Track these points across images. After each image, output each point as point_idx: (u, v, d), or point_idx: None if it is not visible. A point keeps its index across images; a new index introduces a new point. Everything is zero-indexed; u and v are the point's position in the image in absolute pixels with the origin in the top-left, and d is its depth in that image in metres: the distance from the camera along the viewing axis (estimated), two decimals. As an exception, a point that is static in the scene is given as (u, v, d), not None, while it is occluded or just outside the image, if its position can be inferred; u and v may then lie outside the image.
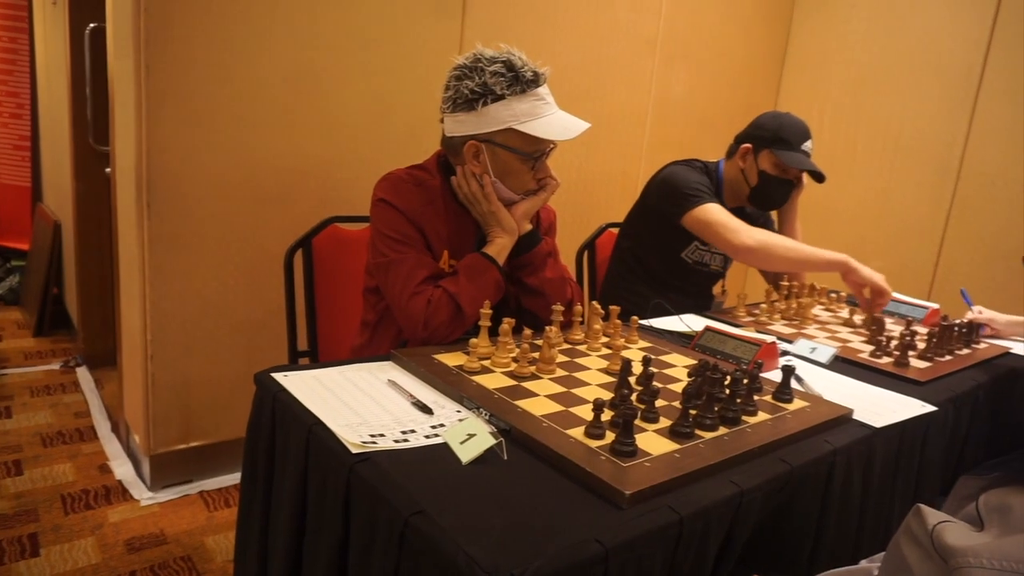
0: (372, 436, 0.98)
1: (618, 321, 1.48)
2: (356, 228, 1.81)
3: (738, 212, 2.18)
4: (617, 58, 3.05)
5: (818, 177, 1.99)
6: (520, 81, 1.36)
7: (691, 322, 1.73)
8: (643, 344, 1.50)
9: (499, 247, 1.45)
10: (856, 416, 1.25)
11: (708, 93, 3.49)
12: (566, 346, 1.42)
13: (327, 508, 0.96)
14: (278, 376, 1.17)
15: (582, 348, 1.42)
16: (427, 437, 1.01)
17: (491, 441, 0.96)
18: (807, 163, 1.95)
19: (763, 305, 1.93)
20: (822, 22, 3.66)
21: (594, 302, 1.49)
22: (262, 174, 2.22)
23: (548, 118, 1.39)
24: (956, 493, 0.76)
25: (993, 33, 3.03)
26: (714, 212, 1.91)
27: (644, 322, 1.73)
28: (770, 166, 1.98)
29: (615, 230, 2.35)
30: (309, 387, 1.14)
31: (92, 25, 2.88)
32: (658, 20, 3.16)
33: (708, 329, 1.56)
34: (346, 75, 2.30)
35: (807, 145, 1.96)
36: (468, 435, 0.98)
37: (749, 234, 1.85)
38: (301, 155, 2.28)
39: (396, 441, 0.98)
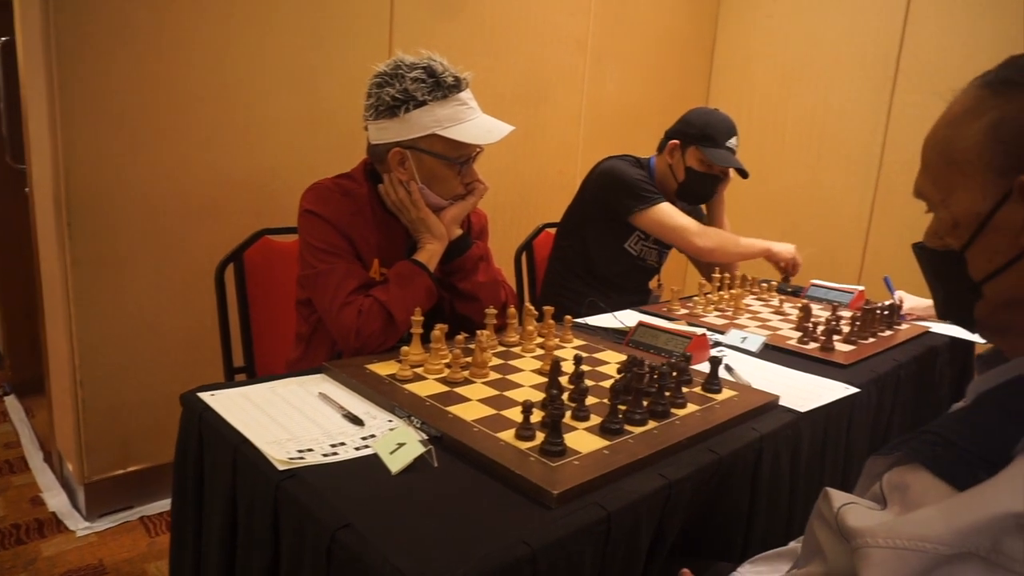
0: (300, 451, 0.97)
1: (551, 321, 1.49)
2: (290, 240, 1.78)
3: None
4: (549, 59, 3.07)
5: (742, 173, 2.05)
6: (441, 86, 1.36)
7: (626, 318, 1.76)
8: (578, 343, 1.52)
9: (429, 253, 1.44)
10: (782, 402, 1.29)
11: (640, 90, 3.55)
12: (500, 349, 1.43)
13: (256, 527, 0.95)
14: (204, 395, 1.14)
15: (516, 350, 1.43)
16: (357, 449, 1.00)
17: (420, 449, 0.96)
18: (731, 160, 2.00)
19: (696, 298, 1.97)
20: (747, 18, 3.75)
21: (528, 304, 1.50)
22: (191, 188, 2.16)
23: (471, 122, 1.39)
24: (866, 472, 0.79)
25: (905, 26, 3.16)
26: (670, 215, 2.02)
27: (579, 320, 1.75)
28: (696, 162, 2.02)
29: (553, 230, 2.37)
30: (237, 405, 1.12)
31: (3, 39, 2.77)
32: (588, 20, 3.19)
33: (640, 324, 1.58)
34: (275, 84, 2.27)
35: (732, 141, 2.01)
36: (398, 444, 0.98)
37: (706, 235, 2.00)
38: (231, 167, 2.23)
39: (325, 455, 0.97)
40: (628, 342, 1.56)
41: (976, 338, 0.91)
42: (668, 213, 2.02)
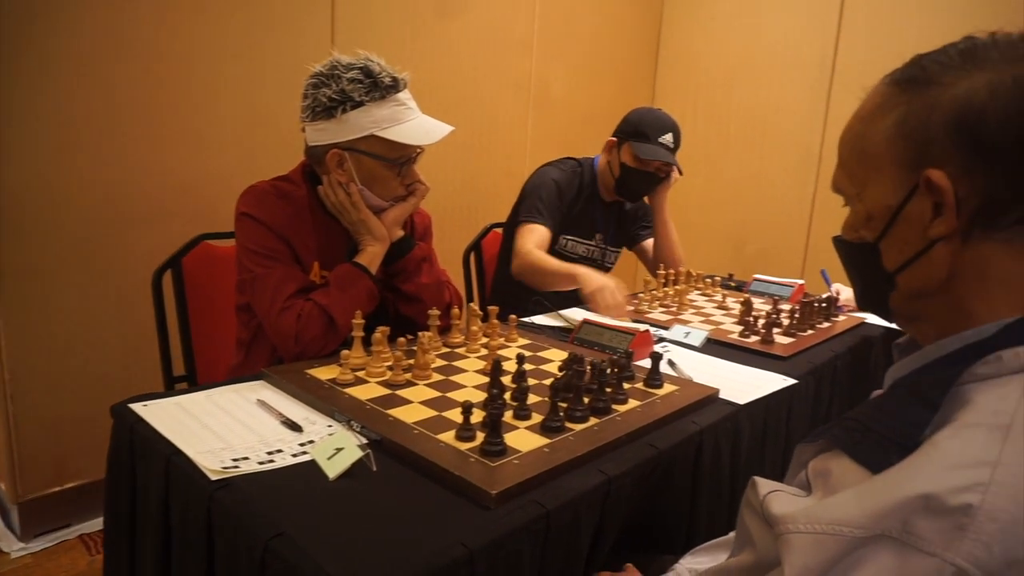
0: (235, 460, 0.95)
1: (496, 321, 1.49)
2: (230, 244, 1.74)
3: (618, 205, 2.25)
4: (495, 60, 3.07)
5: (676, 169, 2.09)
6: (379, 87, 1.35)
7: (573, 316, 1.77)
8: (523, 342, 1.52)
9: (371, 255, 1.43)
10: (723, 395, 1.31)
11: (587, 91, 3.58)
12: (444, 350, 1.42)
13: (190, 539, 0.92)
14: (136, 407, 1.11)
15: (461, 351, 1.42)
16: (295, 456, 0.98)
17: (358, 454, 0.95)
18: (660, 154, 2.02)
19: (641, 294, 2.00)
20: (690, 19, 3.82)
21: (471, 304, 1.49)
22: (125, 194, 2.10)
23: (410, 123, 1.38)
24: (795, 460, 0.80)
25: (840, 27, 3.25)
26: (523, 235, 2.03)
27: (525, 320, 1.76)
28: (630, 158, 2.05)
29: (500, 230, 2.37)
30: (170, 415, 1.09)
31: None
32: (532, 21, 3.20)
33: (585, 322, 1.59)
34: (213, 84, 2.21)
35: (666, 138, 2.03)
36: (336, 450, 0.96)
37: (519, 259, 1.99)
38: (167, 171, 2.17)
39: (261, 463, 0.95)
40: (573, 340, 1.57)
41: None
42: (524, 232, 2.03)
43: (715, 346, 1.66)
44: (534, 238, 2.02)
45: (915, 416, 0.63)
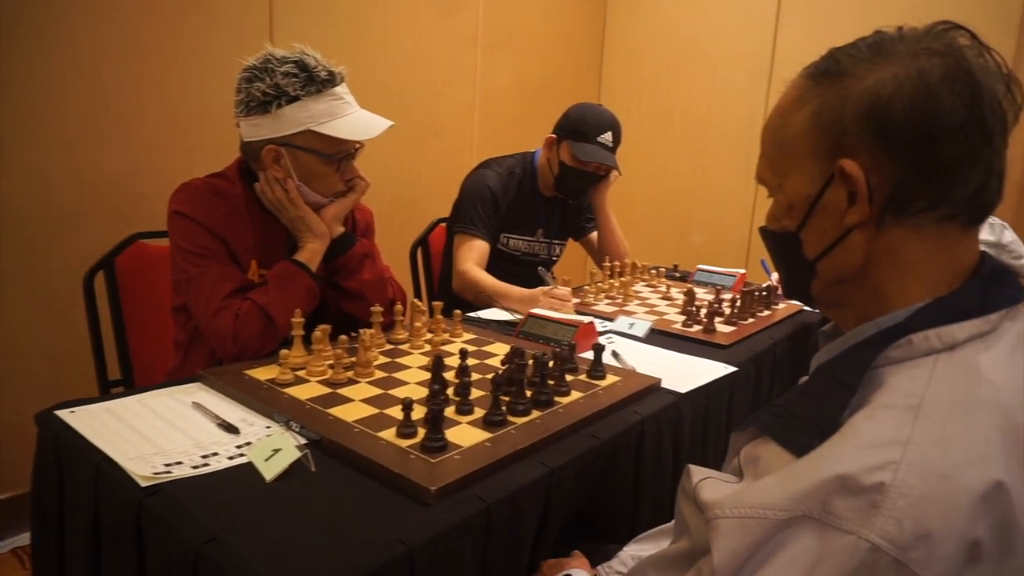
0: (167, 465, 0.92)
1: (440, 317, 1.48)
2: (166, 244, 1.69)
3: (560, 202, 2.26)
4: (439, 54, 3.05)
5: (614, 169, 2.09)
6: (315, 81, 1.32)
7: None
8: (468, 337, 1.52)
9: (310, 253, 1.40)
10: (664, 384, 1.33)
11: (533, 84, 3.58)
12: (388, 347, 1.41)
13: (120, 548, 0.90)
14: (62, 413, 1.07)
15: (405, 347, 1.41)
16: (231, 459, 0.96)
17: (296, 455, 0.93)
18: (597, 155, 2.02)
19: (587, 287, 2.01)
20: (633, 10, 3.85)
21: (415, 300, 1.48)
22: (55, 193, 2.02)
23: (348, 118, 1.36)
24: (731, 448, 0.82)
25: (778, 19, 3.33)
26: (462, 249, 2.04)
27: (471, 315, 1.75)
28: (568, 157, 2.05)
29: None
30: (99, 421, 1.05)
31: None
32: (477, 14, 3.19)
33: (530, 316, 1.60)
34: (146, 80, 2.14)
35: (605, 137, 2.03)
36: (273, 451, 0.95)
37: (459, 278, 2.00)
38: (99, 169, 2.09)
39: (195, 467, 0.93)
40: (518, 334, 1.57)
41: None
42: (463, 249, 2.03)
43: (659, 336, 1.68)
44: (473, 255, 2.02)
45: (835, 400, 0.65)
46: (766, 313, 1.92)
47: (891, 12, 0.71)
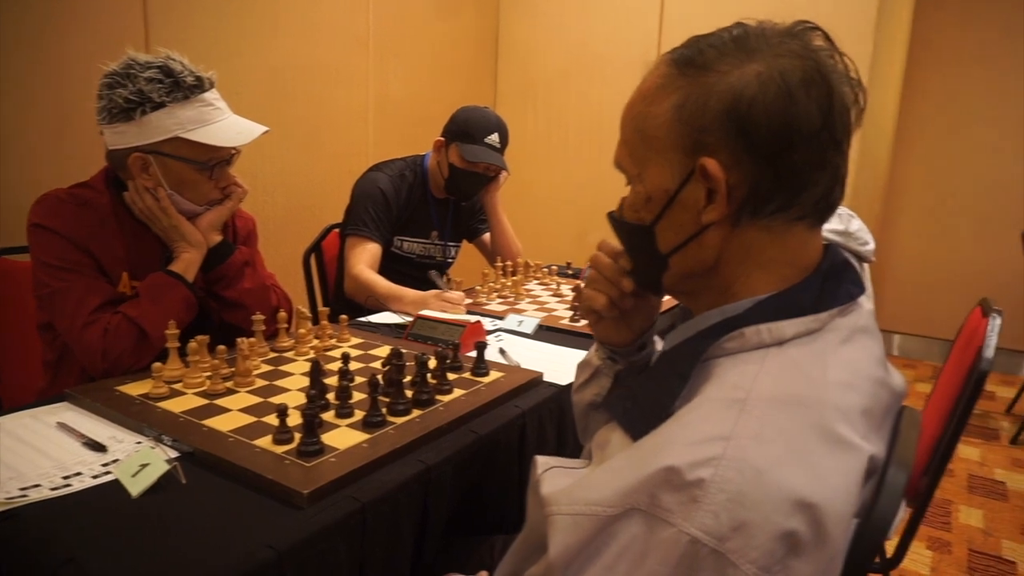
0: (22, 489, 0.89)
1: (326, 323, 1.48)
2: (28, 259, 1.61)
3: (453, 204, 2.28)
4: (329, 58, 3.01)
5: (502, 169, 2.14)
6: (181, 87, 1.29)
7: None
8: (355, 341, 1.51)
9: (186, 263, 1.37)
10: (547, 378, 1.37)
11: (428, 88, 3.59)
12: (272, 355, 1.39)
13: (-26, 580, 0.85)
14: (-93, 442, 1.00)
15: (289, 355, 1.40)
16: (95, 477, 0.93)
17: (164, 468, 0.92)
18: (485, 155, 2.06)
19: (478, 287, 2.04)
20: (525, 15, 3.91)
21: (299, 306, 1.47)
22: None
23: (219, 124, 1.34)
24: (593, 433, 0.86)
25: (661, 28, 3.47)
26: (354, 252, 2.03)
27: (363, 318, 1.75)
28: (457, 159, 2.08)
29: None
30: (-50, 448, 0.99)
31: None
32: (367, 18, 3.17)
33: (419, 318, 1.61)
34: (3, 84, 2.02)
35: (492, 138, 2.07)
36: (141, 466, 0.92)
37: (351, 282, 1.99)
38: (-44, 181, 1.96)
39: (54, 488, 0.90)
40: (408, 336, 1.59)
41: None
42: (355, 251, 2.03)
43: (547, 332, 1.73)
44: (365, 257, 2.01)
45: (669, 387, 0.67)
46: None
47: (773, 12, 0.72)
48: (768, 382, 0.62)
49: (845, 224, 1.61)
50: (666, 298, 0.88)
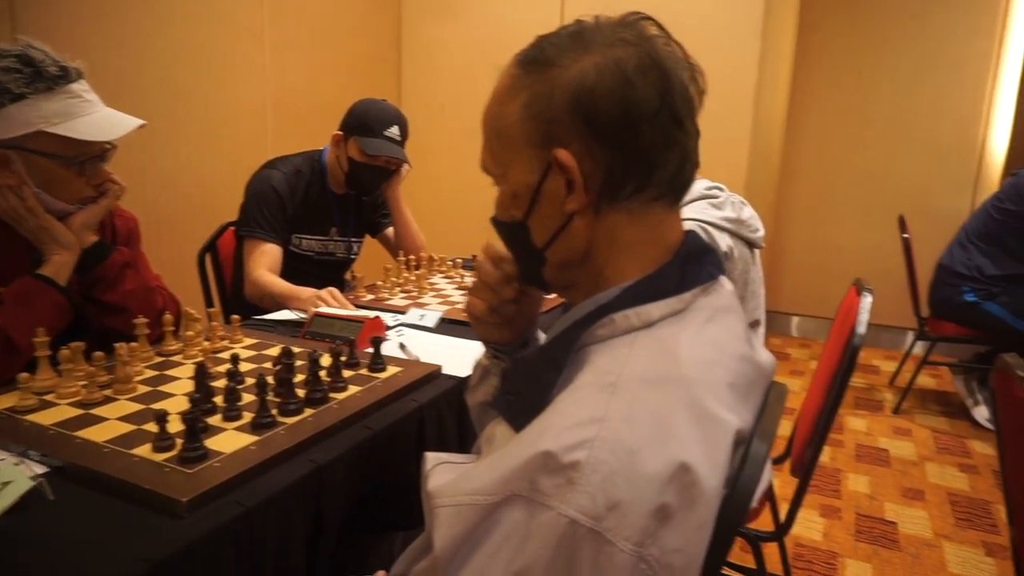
0: None
1: (216, 324, 1.42)
2: None
3: (354, 195, 2.23)
4: (223, 52, 2.89)
5: (404, 162, 2.11)
6: (43, 78, 1.21)
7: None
8: (249, 342, 1.46)
9: (57, 266, 1.29)
10: (446, 370, 1.37)
11: (329, 83, 3.50)
12: (157, 359, 1.32)
13: None
14: None
15: (177, 358, 1.34)
16: (-50, 499, 0.86)
17: (28, 484, 0.86)
18: (385, 148, 2.03)
19: (379, 282, 2.02)
20: (430, 11, 3.88)
21: (187, 308, 1.41)
22: None
23: (88, 117, 1.26)
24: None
25: (563, 16, 3.51)
26: (251, 255, 1.98)
27: (257, 318, 1.70)
28: (356, 152, 2.04)
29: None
30: None
31: None
32: (261, 11, 3.06)
33: (316, 315, 1.58)
34: None
35: (392, 131, 2.04)
36: (2, 484, 0.86)
37: (251, 286, 1.95)
38: None
39: (-99, 514, 0.82)
40: (305, 335, 1.55)
41: None
42: (253, 255, 1.98)
43: (450, 325, 1.72)
44: (265, 260, 1.96)
45: (547, 378, 0.69)
46: (552, 296, 2.03)
47: (665, 20, 0.75)
48: (637, 364, 0.65)
49: (737, 212, 1.67)
50: (551, 296, 0.89)
